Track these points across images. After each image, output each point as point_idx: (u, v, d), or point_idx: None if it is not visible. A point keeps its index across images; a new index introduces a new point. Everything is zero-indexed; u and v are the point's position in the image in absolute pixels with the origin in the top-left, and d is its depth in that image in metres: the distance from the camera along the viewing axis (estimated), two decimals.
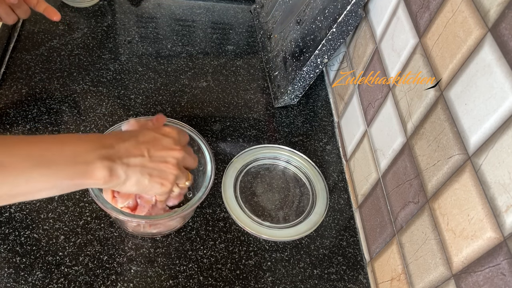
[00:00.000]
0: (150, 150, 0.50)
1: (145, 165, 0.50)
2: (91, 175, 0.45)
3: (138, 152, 0.50)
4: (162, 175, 0.51)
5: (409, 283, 0.55)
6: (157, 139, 0.52)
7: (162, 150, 0.52)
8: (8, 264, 0.57)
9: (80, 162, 0.45)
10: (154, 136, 0.52)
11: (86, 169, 0.45)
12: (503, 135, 0.40)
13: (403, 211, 0.57)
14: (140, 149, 0.50)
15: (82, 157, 0.45)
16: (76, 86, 0.78)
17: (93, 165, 0.45)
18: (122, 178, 0.48)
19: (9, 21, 0.64)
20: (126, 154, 0.48)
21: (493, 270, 0.41)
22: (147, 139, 0.52)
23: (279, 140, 0.79)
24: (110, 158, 0.47)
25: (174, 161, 0.52)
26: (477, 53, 0.44)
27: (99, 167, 0.45)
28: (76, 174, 0.44)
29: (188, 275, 0.61)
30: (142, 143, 0.51)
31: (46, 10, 0.67)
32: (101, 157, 0.46)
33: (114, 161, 0.47)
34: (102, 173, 0.46)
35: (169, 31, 0.92)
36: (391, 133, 0.61)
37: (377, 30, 0.67)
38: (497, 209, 0.40)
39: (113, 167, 0.47)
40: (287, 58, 0.81)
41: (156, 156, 0.51)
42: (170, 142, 0.53)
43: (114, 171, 0.47)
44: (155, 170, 0.51)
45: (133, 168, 0.49)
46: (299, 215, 0.70)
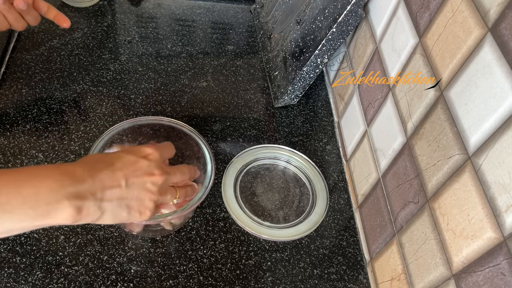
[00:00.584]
0: (128, 178, 0.46)
1: (123, 197, 0.46)
2: (55, 216, 0.41)
3: (115, 183, 0.45)
4: (141, 204, 0.48)
5: (409, 283, 0.55)
6: (136, 163, 0.48)
7: (141, 176, 0.48)
8: (8, 264, 0.57)
9: (42, 203, 0.40)
10: (133, 160, 0.48)
11: (50, 210, 0.40)
12: (503, 135, 0.40)
13: (403, 211, 0.57)
14: (117, 178, 0.46)
15: (45, 197, 0.40)
16: (76, 86, 0.78)
17: (58, 205, 0.40)
18: (96, 215, 0.44)
19: (18, 27, 0.64)
20: (100, 187, 0.44)
21: (493, 270, 0.41)
22: (125, 164, 0.47)
23: (279, 140, 0.79)
24: (81, 196, 0.42)
25: (154, 188, 0.49)
26: (477, 53, 0.44)
27: (65, 208, 0.41)
28: (37, 217, 0.40)
29: (188, 275, 0.61)
30: (119, 170, 0.46)
31: (56, 17, 0.66)
32: (70, 196, 0.41)
33: (86, 198, 0.42)
34: (69, 213, 0.41)
35: (169, 31, 0.92)
36: (391, 133, 0.61)
37: (377, 30, 0.67)
38: (497, 209, 0.40)
39: (84, 206, 0.42)
40: (287, 58, 0.81)
41: (134, 184, 0.47)
42: (151, 166, 0.49)
43: (85, 209, 0.43)
44: (133, 201, 0.47)
45: (109, 202, 0.45)
46: (299, 215, 0.70)
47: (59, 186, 0.41)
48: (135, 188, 0.47)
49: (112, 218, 0.46)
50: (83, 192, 0.42)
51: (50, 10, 0.66)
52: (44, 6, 0.66)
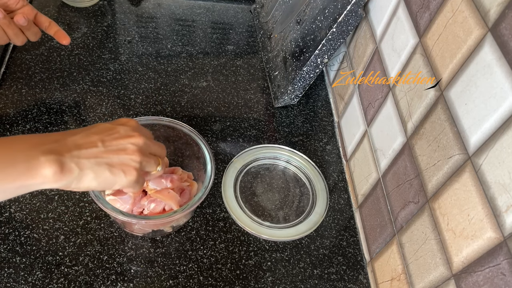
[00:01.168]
0: (105, 140, 0.45)
1: (101, 156, 0.45)
2: (35, 173, 0.40)
3: (91, 143, 0.44)
4: (123, 163, 0.46)
5: (409, 283, 0.55)
6: (111, 129, 0.47)
7: (119, 138, 0.47)
8: (8, 264, 0.57)
9: (20, 161, 0.40)
10: (108, 126, 0.47)
11: (28, 167, 0.40)
12: (503, 135, 0.40)
13: (403, 211, 0.57)
14: (93, 140, 0.45)
15: (21, 155, 0.40)
16: (76, 86, 0.78)
17: (35, 162, 0.40)
18: (75, 172, 0.42)
19: (17, 42, 0.63)
20: (75, 146, 0.43)
21: (493, 270, 0.41)
22: (101, 129, 0.47)
23: (279, 140, 0.79)
24: (57, 152, 0.41)
25: (134, 148, 0.47)
26: (477, 53, 0.44)
27: (43, 163, 0.40)
28: (16, 175, 0.39)
29: (188, 275, 0.61)
30: (95, 134, 0.45)
31: (57, 33, 0.66)
32: (45, 151, 0.41)
33: (61, 154, 0.42)
34: (49, 169, 0.40)
35: (169, 31, 0.92)
36: (391, 133, 0.61)
37: (377, 30, 0.67)
38: (497, 209, 0.40)
39: (62, 161, 0.41)
40: (287, 58, 0.81)
41: (113, 145, 0.46)
42: (128, 130, 0.48)
43: (64, 165, 0.41)
44: (114, 159, 0.45)
45: (87, 160, 0.43)
46: (299, 215, 0.70)
47: (31, 146, 0.41)
48: (114, 149, 0.46)
49: (95, 178, 0.44)
50: (58, 149, 0.42)
51: (51, 26, 0.66)
52: (46, 21, 0.65)
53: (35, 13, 0.64)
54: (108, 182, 0.46)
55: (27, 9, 0.63)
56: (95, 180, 0.44)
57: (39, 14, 0.65)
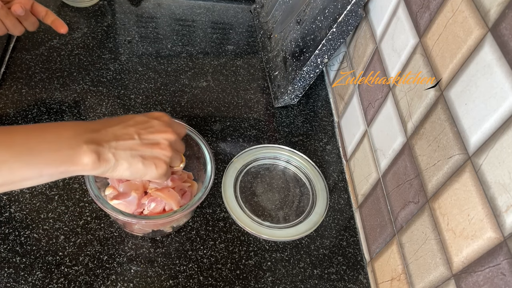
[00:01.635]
0: (140, 133, 0.48)
1: (136, 148, 0.47)
2: (77, 160, 0.43)
3: (128, 136, 0.47)
4: (155, 157, 0.49)
5: (409, 283, 0.55)
6: (147, 122, 0.50)
7: (154, 132, 0.50)
8: (8, 264, 0.57)
9: (65, 147, 0.42)
10: (144, 119, 0.50)
11: (72, 154, 0.43)
12: (503, 135, 0.40)
13: (403, 211, 0.57)
14: (130, 132, 0.48)
15: (67, 142, 0.43)
16: (76, 86, 0.78)
17: (79, 150, 0.43)
18: (111, 162, 0.45)
19: (16, 32, 0.63)
20: (114, 137, 0.46)
21: (493, 270, 0.41)
22: (137, 122, 0.49)
23: (279, 140, 0.79)
24: (97, 142, 0.44)
25: (166, 143, 0.50)
26: (477, 53, 0.44)
27: (85, 151, 0.43)
28: (61, 161, 0.42)
29: (188, 275, 0.61)
30: (132, 126, 0.48)
31: (54, 22, 0.66)
32: (87, 141, 0.44)
33: (101, 144, 0.45)
34: (89, 157, 0.43)
35: (169, 31, 0.92)
36: (391, 133, 0.61)
37: (377, 30, 0.67)
38: (497, 209, 0.40)
39: (101, 151, 0.44)
40: (287, 58, 0.81)
41: (148, 139, 0.49)
42: (162, 125, 0.51)
43: (102, 155, 0.44)
44: (147, 153, 0.48)
45: (123, 151, 0.46)
46: (299, 215, 0.70)
47: (77, 133, 0.44)
48: (148, 143, 0.49)
49: (129, 168, 0.47)
50: (98, 140, 0.45)
51: (48, 15, 0.66)
52: (42, 10, 0.65)
53: (31, 2, 0.64)
54: (140, 173, 0.49)
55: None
56: (128, 170, 0.47)
57: (35, 4, 0.65)
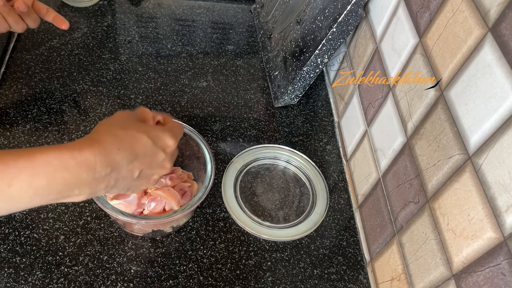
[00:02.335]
0: (142, 171, 0.48)
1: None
2: (64, 200, 0.43)
3: (129, 174, 0.47)
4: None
5: (409, 283, 0.55)
6: (154, 156, 0.48)
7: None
8: (8, 264, 0.57)
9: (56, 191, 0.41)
10: (153, 151, 0.48)
11: (61, 197, 0.42)
12: (504, 135, 0.40)
13: (403, 211, 0.57)
14: (132, 171, 0.47)
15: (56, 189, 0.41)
16: (76, 86, 0.78)
17: (69, 193, 0.42)
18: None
19: (18, 29, 0.64)
20: (115, 178, 0.45)
21: (493, 270, 0.41)
22: (146, 155, 0.47)
23: (279, 140, 0.79)
24: (94, 186, 0.44)
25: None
26: (477, 53, 0.44)
27: (76, 195, 0.43)
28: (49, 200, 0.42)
29: (188, 275, 0.61)
30: (138, 162, 0.47)
31: (55, 18, 0.66)
32: (84, 186, 0.42)
33: (98, 188, 0.44)
34: (79, 199, 0.44)
35: (169, 31, 0.92)
36: (391, 133, 0.61)
37: (377, 30, 0.67)
38: (497, 209, 0.40)
39: (94, 193, 0.45)
40: (287, 58, 0.81)
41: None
42: (166, 160, 0.50)
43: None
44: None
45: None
46: (299, 215, 0.70)
47: (73, 179, 0.41)
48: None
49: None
50: (97, 183, 0.43)
51: (49, 12, 0.66)
52: (43, 8, 0.65)
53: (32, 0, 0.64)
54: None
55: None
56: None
57: (36, 1, 0.65)
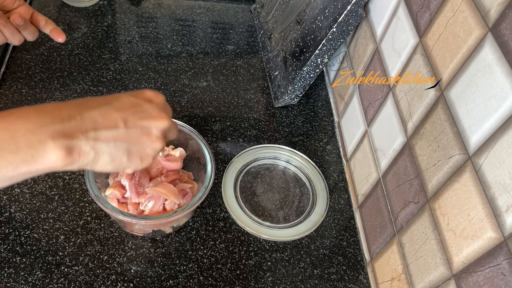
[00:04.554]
0: (127, 120, 0.41)
1: (121, 139, 0.40)
2: (41, 159, 0.36)
3: (111, 123, 0.40)
4: (143, 150, 0.42)
5: (410, 283, 0.55)
6: (137, 105, 0.42)
7: (144, 119, 0.42)
8: (8, 264, 0.57)
9: (23, 147, 0.35)
10: (133, 101, 0.42)
11: (33, 154, 0.35)
12: (504, 135, 0.40)
13: (404, 211, 0.57)
14: (114, 118, 0.40)
15: (26, 139, 0.35)
16: (76, 86, 0.78)
17: (41, 147, 0.35)
18: (90, 156, 0.38)
19: (14, 42, 0.63)
20: (93, 126, 0.38)
21: (494, 270, 0.41)
22: (124, 105, 0.41)
23: (279, 140, 0.79)
24: (69, 134, 0.37)
25: (158, 133, 0.43)
26: (477, 53, 0.44)
27: (51, 148, 0.36)
28: (20, 163, 0.35)
29: (188, 275, 0.61)
30: (116, 111, 0.40)
31: (52, 31, 0.65)
32: (54, 135, 0.36)
33: (75, 136, 0.37)
34: (56, 154, 0.36)
35: (169, 31, 0.92)
36: (392, 133, 0.61)
37: (378, 30, 0.67)
38: (498, 209, 0.40)
39: (74, 145, 0.37)
40: (287, 58, 0.81)
41: (136, 127, 0.41)
42: (155, 109, 0.43)
43: (76, 149, 0.37)
44: (133, 145, 0.41)
45: (105, 144, 0.39)
46: (299, 215, 0.70)
47: (38, 125, 0.36)
48: (137, 132, 0.41)
49: (111, 161, 0.40)
50: (71, 131, 0.37)
51: (47, 24, 0.65)
52: (42, 20, 0.65)
53: (31, 12, 0.64)
54: (123, 167, 0.42)
55: (24, 9, 0.63)
56: (110, 164, 0.41)
57: (35, 13, 0.65)
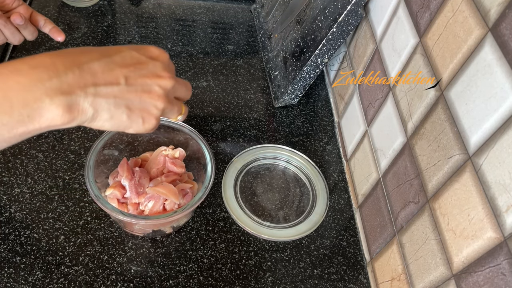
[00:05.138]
0: (129, 77, 0.39)
1: (122, 96, 0.38)
2: (38, 119, 0.34)
3: (112, 78, 0.38)
4: (144, 109, 0.40)
5: (410, 283, 0.55)
6: (140, 62, 0.40)
7: (146, 77, 0.40)
8: (8, 264, 0.57)
9: (18, 104, 0.33)
10: (136, 56, 0.41)
11: (29, 113, 0.34)
12: (504, 135, 0.40)
13: (404, 211, 0.57)
14: (115, 74, 0.38)
15: (21, 97, 0.33)
16: None
17: (37, 105, 0.34)
18: (88, 113, 0.37)
19: (14, 41, 0.64)
20: (93, 81, 0.37)
21: (494, 270, 0.41)
22: (126, 61, 0.40)
23: (279, 140, 0.79)
24: (67, 91, 0.35)
25: (161, 92, 0.41)
26: (477, 53, 0.44)
27: (48, 106, 0.34)
28: (17, 123, 0.33)
29: (188, 275, 0.61)
30: (118, 66, 0.39)
31: (52, 30, 0.66)
32: (50, 92, 0.34)
33: (73, 92, 0.35)
34: (54, 113, 0.34)
35: (169, 31, 0.92)
36: (392, 133, 0.61)
37: (378, 30, 0.67)
38: (498, 209, 0.40)
39: (73, 102, 0.35)
40: (287, 58, 0.81)
41: (138, 85, 0.40)
42: (158, 67, 0.42)
43: (74, 107, 0.36)
44: (135, 103, 0.40)
45: (105, 100, 0.37)
46: (299, 215, 0.70)
47: (32, 81, 0.34)
48: (138, 90, 0.40)
49: (110, 119, 0.39)
50: (69, 86, 0.35)
51: (46, 24, 0.66)
52: (41, 19, 0.65)
53: (30, 11, 0.64)
54: (123, 126, 0.41)
55: (23, 8, 0.63)
56: (108, 122, 0.39)
57: (34, 13, 0.65)
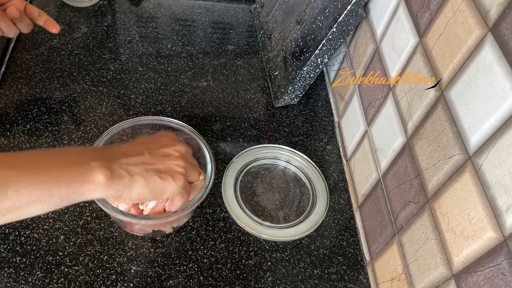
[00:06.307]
0: (149, 148, 0.48)
1: (148, 162, 0.46)
2: (88, 177, 0.41)
3: (136, 152, 0.47)
4: (170, 169, 0.48)
5: (410, 283, 0.55)
6: (154, 140, 0.51)
7: (162, 147, 0.49)
8: (8, 264, 0.57)
9: (74, 164, 0.41)
10: (150, 137, 0.51)
11: (82, 171, 0.41)
12: (504, 135, 0.40)
13: (404, 211, 0.57)
14: (138, 149, 0.47)
15: (75, 159, 0.42)
16: (76, 86, 0.78)
17: (88, 166, 0.41)
18: (126, 178, 0.44)
19: (10, 34, 0.64)
20: (123, 154, 0.45)
21: (494, 270, 0.41)
22: (143, 140, 0.50)
23: (279, 140, 0.79)
24: (106, 159, 0.43)
25: (177, 154, 0.50)
26: (477, 53, 0.44)
27: (94, 168, 0.41)
28: (72, 178, 0.40)
29: (188, 275, 0.61)
30: (139, 144, 0.49)
31: (46, 22, 0.66)
32: (95, 158, 0.42)
33: (110, 161, 0.43)
34: (101, 174, 0.41)
35: (169, 30, 0.92)
36: (392, 133, 0.61)
37: (378, 30, 0.67)
38: (498, 209, 0.40)
39: (112, 167, 0.43)
40: (288, 57, 0.81)
41: (157, 153, 0.48)
42: (168, 139, 0.51)
43: (114, 171, 0.43)
44: (160, 166, 0.47)
45: (135, 166, 0.45)
46: (299, 215, 0.70)
47: (82, 154, 0.43)
48: (159, 156, 0.48)
49: (146, 185, 0.45)
50: (106, 157, 0.44)
51: (40, 16, 0.66)
52: (35, 11, 0.65)
53: (25, 4, 0.64)
54: (159, 189, 0.47)
55: (18, 1, 0.63)
56: (146, 187, 0.45)
57: (29, 5, 0.65)
